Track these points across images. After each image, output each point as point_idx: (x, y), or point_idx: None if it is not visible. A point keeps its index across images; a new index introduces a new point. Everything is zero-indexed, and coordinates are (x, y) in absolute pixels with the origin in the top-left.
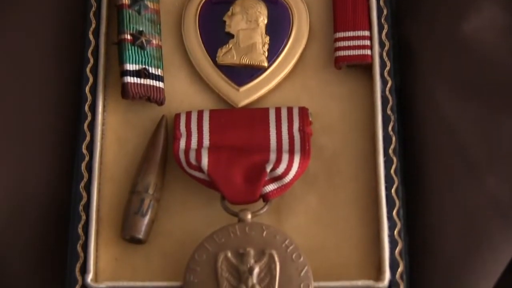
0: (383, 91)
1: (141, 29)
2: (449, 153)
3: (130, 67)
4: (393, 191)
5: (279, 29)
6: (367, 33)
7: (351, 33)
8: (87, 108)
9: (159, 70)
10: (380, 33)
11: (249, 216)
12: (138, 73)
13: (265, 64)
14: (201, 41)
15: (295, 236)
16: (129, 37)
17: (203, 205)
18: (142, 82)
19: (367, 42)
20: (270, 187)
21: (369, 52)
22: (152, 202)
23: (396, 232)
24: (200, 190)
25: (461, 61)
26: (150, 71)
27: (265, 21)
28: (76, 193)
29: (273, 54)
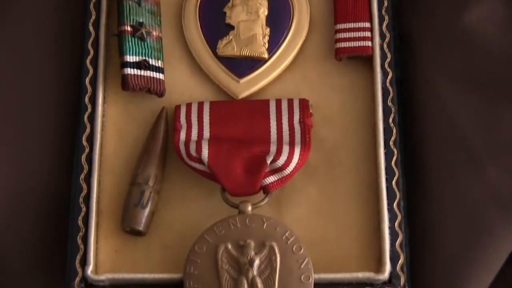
0: (384, 83)
1: (141, 21)
2: (450, 144)
3: (130, 58)
4: (394, 183)
5: (279, 21)
6: (367, 24)
7: (352, 25)
8: (87, 99)
9: (159, 61)
10: (380, 24)
11: (250, 208)
12: (138, 65)
13: (266, 55)
14: (201, 33)
15: (296, 228)
16: (129, 28)
17: (203, 197)
18: (142, 73)
19: (368, 33)
20: (270, 179)
21: (369, 43)
22: (152, 194)
23: (396, 224)
24: (200, 182)
25: (462, 52)
26: (150, 63)
27: (266, 13)
28: (76, 185)
29: (273, 45)
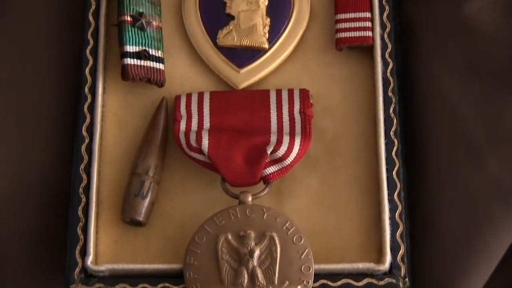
0: (384, 73)
1: (141, 11)
2: (451, 135)
3: (130, 48)
4: (394, 173)
5: (279, 11)
6: (368, 14)
7: (352, 15)
8: (87, 90)
9: (159, 51)
10: (381, 14)
11: (250, 198)
12: (138, 55)
13: (266, 46)
14: (201, 23)
15: (296, 218)
16: (129, 18)
17: (203, 187)
18: (142, 64)
19: (368, 23)
20: (270, 169)
21: (370, 33)
22: (152, 184)
23: (397, 214)
24: (200, 172)
25: (463, 42)
26: (150, 53)
27: (266, 3)
28: (76, 176)
29: (273, 35)
